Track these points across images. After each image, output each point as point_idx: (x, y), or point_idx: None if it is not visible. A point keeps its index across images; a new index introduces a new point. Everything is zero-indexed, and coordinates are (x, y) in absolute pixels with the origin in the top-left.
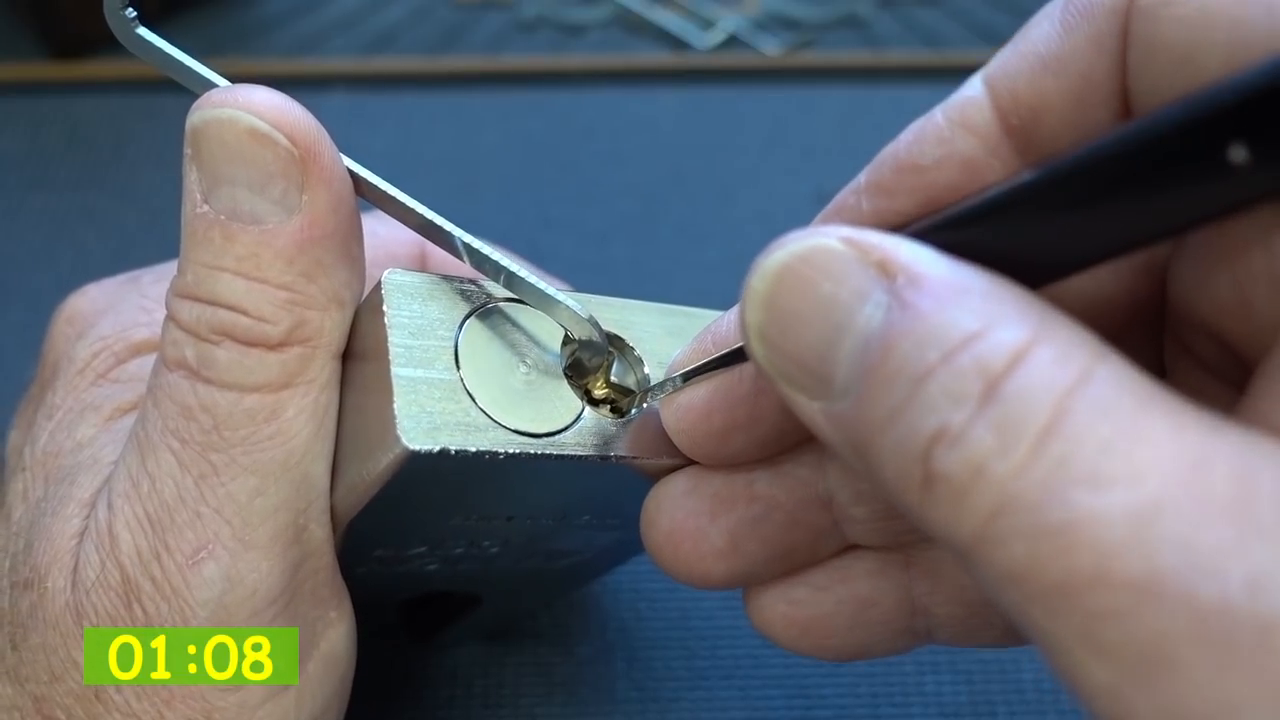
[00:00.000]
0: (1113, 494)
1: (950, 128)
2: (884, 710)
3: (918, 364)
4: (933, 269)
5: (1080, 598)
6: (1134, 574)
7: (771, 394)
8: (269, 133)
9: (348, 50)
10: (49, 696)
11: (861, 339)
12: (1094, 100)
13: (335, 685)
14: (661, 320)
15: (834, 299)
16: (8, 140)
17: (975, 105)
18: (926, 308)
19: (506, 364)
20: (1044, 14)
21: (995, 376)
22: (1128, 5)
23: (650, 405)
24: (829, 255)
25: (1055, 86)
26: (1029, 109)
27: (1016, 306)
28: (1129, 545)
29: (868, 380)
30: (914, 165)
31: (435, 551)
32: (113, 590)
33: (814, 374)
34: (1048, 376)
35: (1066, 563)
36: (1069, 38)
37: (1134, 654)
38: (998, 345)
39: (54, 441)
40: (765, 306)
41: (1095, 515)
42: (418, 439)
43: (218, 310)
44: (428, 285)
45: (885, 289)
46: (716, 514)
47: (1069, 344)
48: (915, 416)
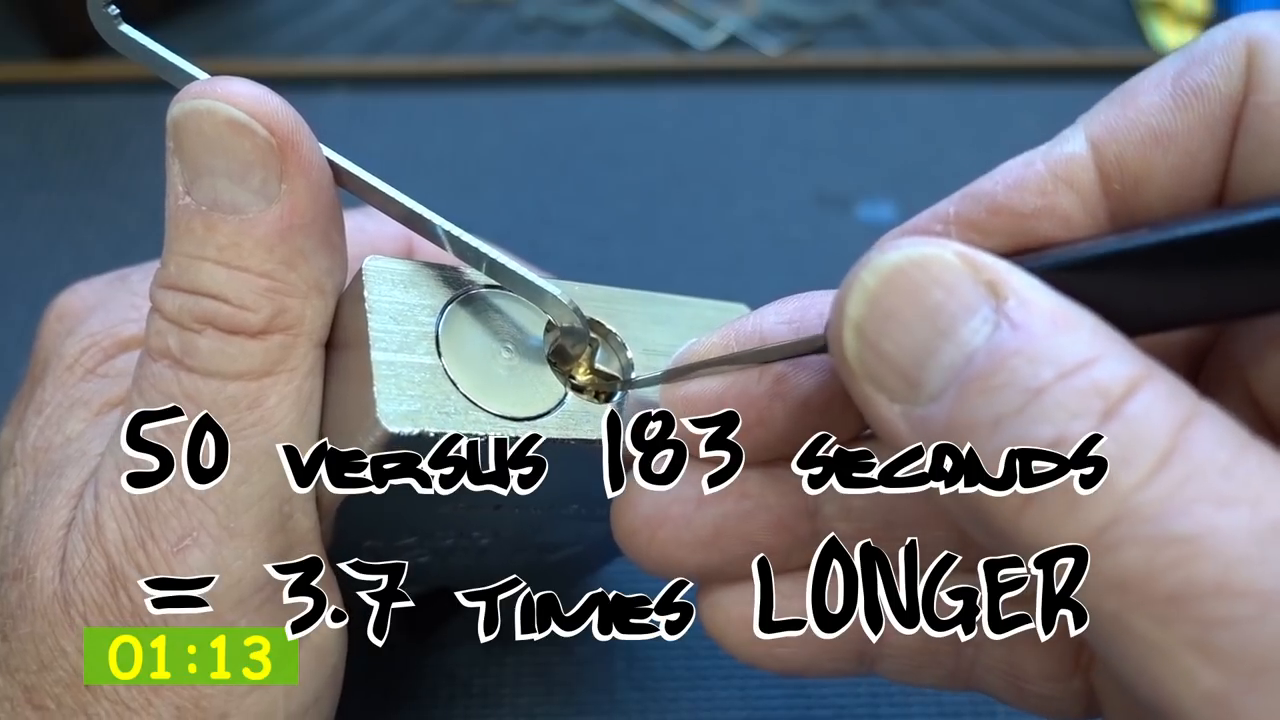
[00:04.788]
0: (1237, 512)
1: (1053, 181)
2: (883, 710)
3: (1031, 379)
4: (1042, 299)
5: (1198, 605)
6: (1259, 585)
7: (787, 399)
8: (247, 123)
9: (348, 50)
10: (39, 686)
11: (964, 350)
12: (1196, 179)
13: (326, 677)
14: (646, 308)
15: (941, 307)
16: (8, 140)
17: (1080, 164)
18: (1039, 330)
19: (489, 350)
20: (1152, 83)
21: (1115, 399)
22: (1243, 97)
23: (637, 393)
24: (943, 265)
25: (1163, 161)
26: (1133, 178)
27: (1122, 345)
28: (1254, 558)
29: (969, 388)
30: (1012, 210)
31: (425, 542)
32: (99, 578)
33: (905, 377)
34: (1164, 406)
35: (1186, 571)
36: (1181, 115)
37: (1251, 660)
38: (1114, 374)
39: (43, 436)
40: (870, 302)
41: (1220, 529)
42: (397, 422)
43: (200, 299)
44: (409, 272)
45: (993, 308)
46: (705, 503)
47: (1176, 385)
48: (1028, 425)
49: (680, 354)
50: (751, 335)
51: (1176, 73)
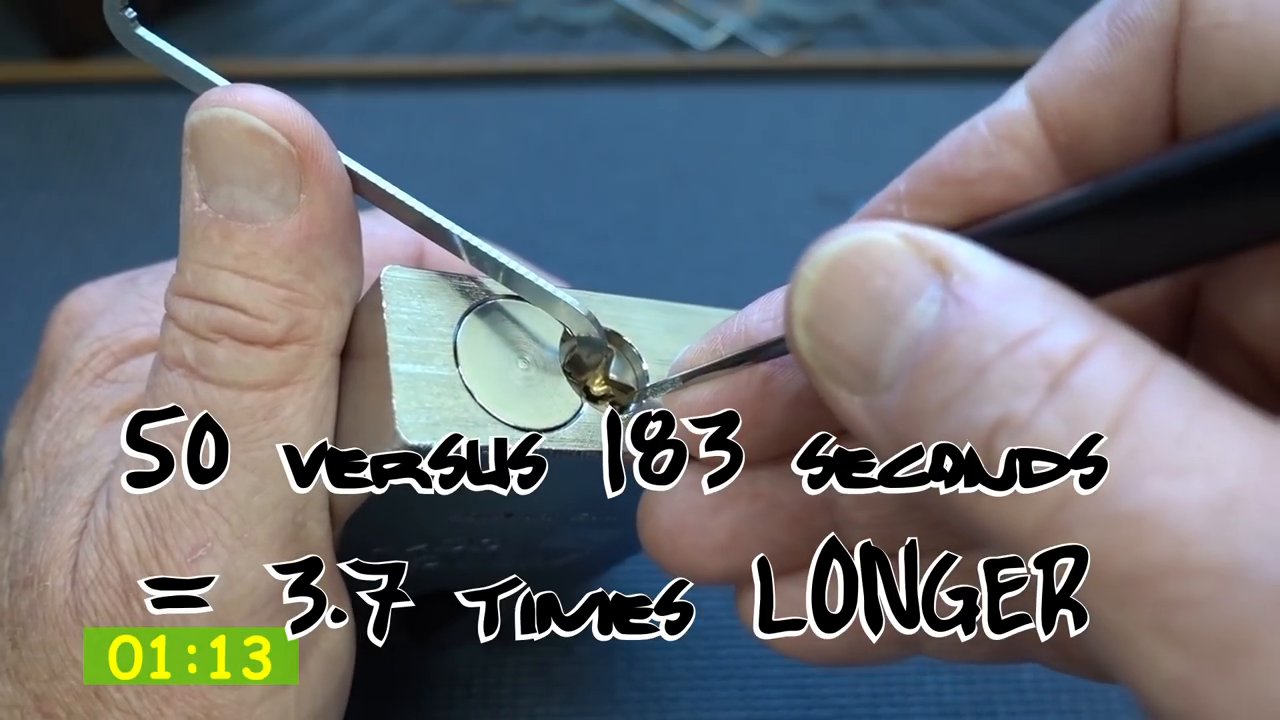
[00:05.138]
0: (1190, 483)
1: (996, 141)
2: (884, 710)
3: (975, 356)
4: (989, 269)
5: (1154, 586)
6: (1215, 561)
7: (778, 398)
8: (267, 132)
9: (348, 50)
10: (49, 694)
11: (913, 334)
12: (1143, 118)
13: (335, 684)
14: (660, 317)
15: (886, 293)
16: (8, 140)
17: (1022, 119)
18: (983, 304)
19: (505, 360)
20: (1087, 26)
21: (1061, 369)
22: (1177, 25)
23: (650, 402)
24: (884, 249)
25: (1105, 103)
26: (1077, 125)
27: (1076, 308)
28: (1208, 533)
29: (918, 373)
30: (959, 178)
31: (434, 549)
32: (112, 588)
33: (859, 367)
34: (1115, 371)
35: (1140, 551)
36: (1118, 54)
37: (1212, 641)
38: (1061, 340)
39: (53, 441)
40: (815, 296)
41: (1172, 503)
42: (416, 434)
43: (216, 308)
44: (427, 282)
45: (940, 285)
46: (719, 509)
47: (1131, 345)
48: (973, 406)
49: (675, 362)
50: (738, 336)
51: (1111, 11)
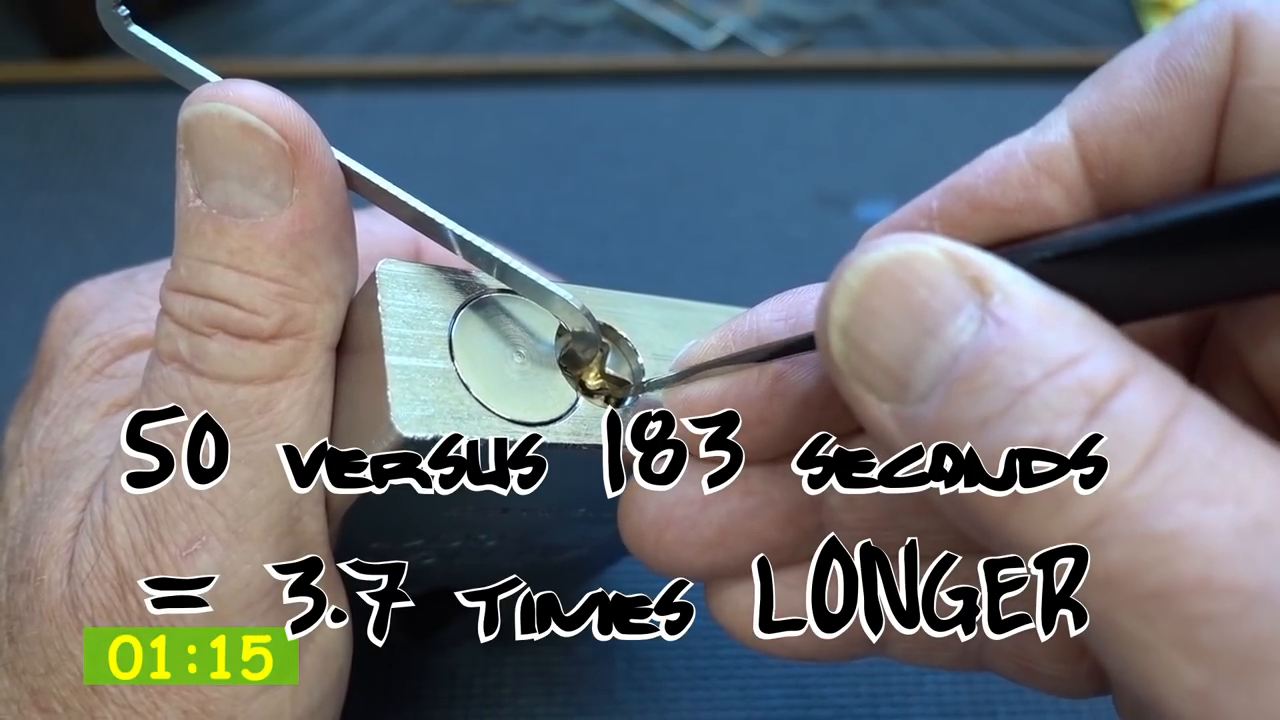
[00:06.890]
0: (1221, 508)
1: (1035, 174)
2: (883, 710)
3: (1016, 378)
4: (1028, 293)
5: (1181, 601)
6: (1242, 581)
7: (786, 397)
8: (260, 127)
9: (348, 50)
10: (46, 689)
11: (950, 349)
12: (1183, 165)
13: (332, 680)
14: (655, 312)
15: (926, 306)
16: (8, 140)
17: (1062, 154)
18: (1024, 327)
19: (501, 354)
20: (1135, 65)
21: (1101, 396)
22: (1229, 81)
23: (647, 397)
24: (927, 263)
25: (1147, 147)
26: (1117, 165)
27: (1111, 337)
28: (1237, 555)
29: (956, 388)
30: (995, 206)
31: (431, 545)
32: (107, 582)
33: (893, 376)
34: (1151, 401)
35: (1170, 568)
36: (1165, 100)
37: (1234, 656)
38: (1101, 369)
39: (50, 437)
40: (855, 303)
41: (1203, 526)
42: (411, 426)
43: (210, 303)
44: (422, 276)
45: (978, 304)
46: (709, 504)
47: (1163, 377)
48: (1013, 425)
49: (680, 356)
50: (749, 334)
51: (1161, 54)
